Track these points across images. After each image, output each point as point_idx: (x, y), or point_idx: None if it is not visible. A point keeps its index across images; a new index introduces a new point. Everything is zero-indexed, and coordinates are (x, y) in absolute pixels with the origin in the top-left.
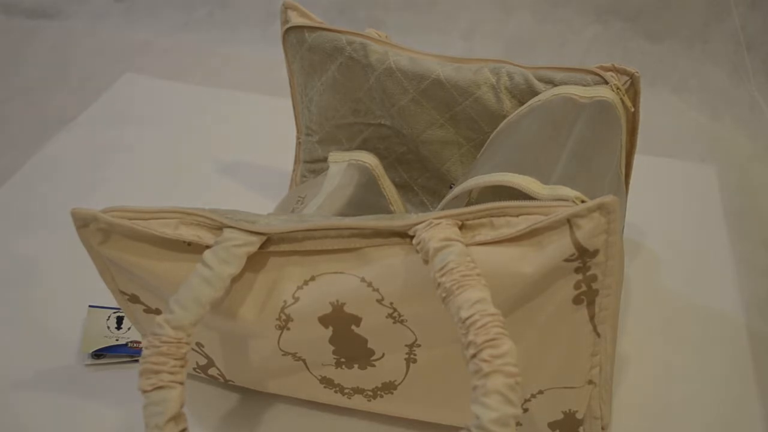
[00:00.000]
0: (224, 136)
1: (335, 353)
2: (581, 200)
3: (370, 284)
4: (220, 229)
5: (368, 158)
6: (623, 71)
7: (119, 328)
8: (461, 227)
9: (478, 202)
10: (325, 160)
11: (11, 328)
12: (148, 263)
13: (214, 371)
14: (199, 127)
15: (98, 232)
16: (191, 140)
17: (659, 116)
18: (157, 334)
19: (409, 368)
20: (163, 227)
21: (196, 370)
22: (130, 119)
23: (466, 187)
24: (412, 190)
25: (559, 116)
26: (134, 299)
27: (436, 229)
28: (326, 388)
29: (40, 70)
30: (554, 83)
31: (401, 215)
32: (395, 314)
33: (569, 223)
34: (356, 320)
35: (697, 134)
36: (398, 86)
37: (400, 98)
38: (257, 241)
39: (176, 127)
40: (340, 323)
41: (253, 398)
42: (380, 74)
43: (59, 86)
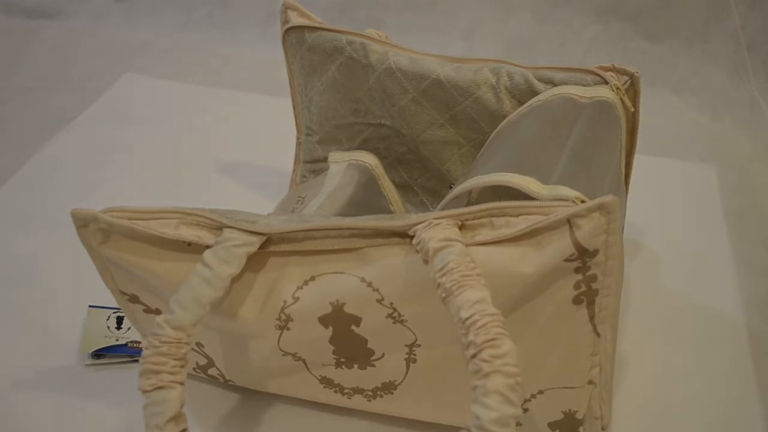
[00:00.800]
0: (224, 136)
1: (335, 353)
2: (581, 200)
3: (370, 284)
4: (220, 229)
5: (368, 158)
6: (623, 71)
7: (119, 328)
8: (461, 227)
9: (478, 202)
10: (325, 160)
11: (11, 327)
12: (148, 263)
13: (214, 371)
14: (199, 127)
15: (98, 232)
16: (191, 140)
17: (659, 116)
18: (157, 334)
19: (409, 368)
20: (163, 227)
21: (196, 370)
22: (130, 119)
23: (465, 187)
24: (412, 190)
25: (558, 116)
26: (134, 299)
27: (435, 229)
28: (326, 388)
29: (40, 70)
30: (554, 83)
31: (401, 215)
32: (395, 314)
33: (569, 223)
34: (356, 320)
35: (697, 134)
36: (398, 86)
37: (400, 98)
38: (257, 241)
39: (176, 127)
40: (340, 323)
41: (253, 398)
42: (380, 74)
43: (59, 86)
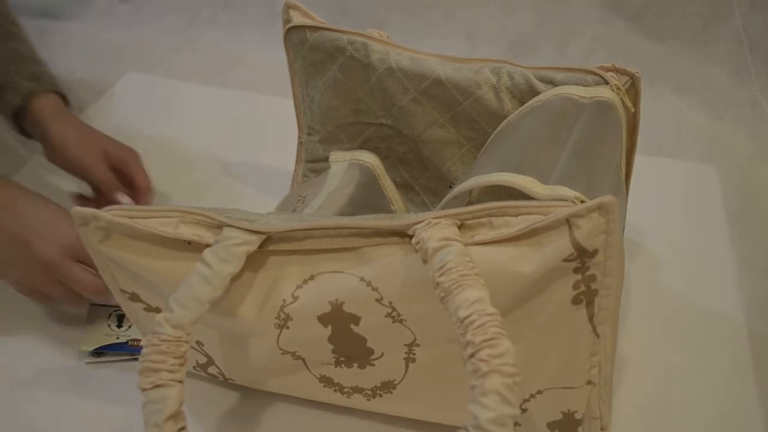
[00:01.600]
0: (226, 135)
1: (334, 352)
2: (580, 200)
3: (369, 283)
4: (219, 228)
5: (369, 158)
6: (624, 71)
7: (120, 326)
8: (460, 227)
9: (478, 201)
10: (326, 159)
11: (12, 325)
12: (148, 262)
13: (213, 370)
14: (201, 126)
15: (98, 230)
16: (194, 139)
17: (660, 116)
18: (156, 332)
19: (408, 368)
20: (163, 226)
21: (195, 368)
22: (132, 118)
23: (465, 186)
24: (413, 189)
25: (559, 116)
26: (134, 298)
27: (435, 228)
28: (326, 387)
29: None
30: (555, 83)
31: (400, 215)
32: (394, 313)
33: (568, 223)
34: (355, 319)
35: (698, 134)
36: (399, 86)
37: (401, 98)
38: (257, 240)
39: (179, 126)
40: (339, 322)
41: (252, 397)
42: (381, 74)
43: (63, 86)
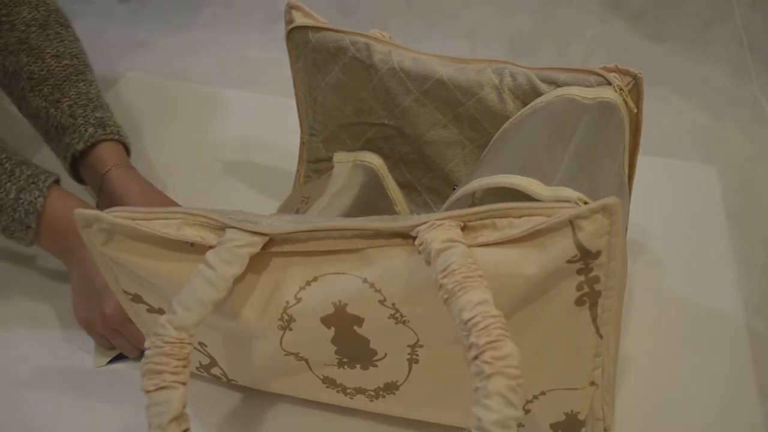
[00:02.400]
0: (228, 135)
1: (337, 353)
2: (584, 201)
3: (372, 285)
4: (222, 229)
5: (373, 159)
6: (626, 72)
7: None
8: (464, 228)
9: (482, 203)
10: (329, 160)
11: (18, 328)
12: (150, 264)
13: (216, 371)
14: (202, 126)
15: (101, 232)
16: (194, 139)
17: (661, 116)
18: (159, 334)
19: (411, 369)
20: (165, 228)
21: (198, 369)
22: (132, 118)
23: (469, 189)
24: (415, 190)
25: (561, 117)
26: (137, 299)
27: (438, 230)
28: (328, 388)
29: None
30: (557, 84)
31: (403, 216)
32: (397, 315)
33: (571, 224)
34: (358, 321)
35: (698, 135)
36: (401, 86)
37: (403, 98)
38: (260, 241)
39: (179, 126)
40: (342, 324)
41: (255, 398)
42: (384, 74)
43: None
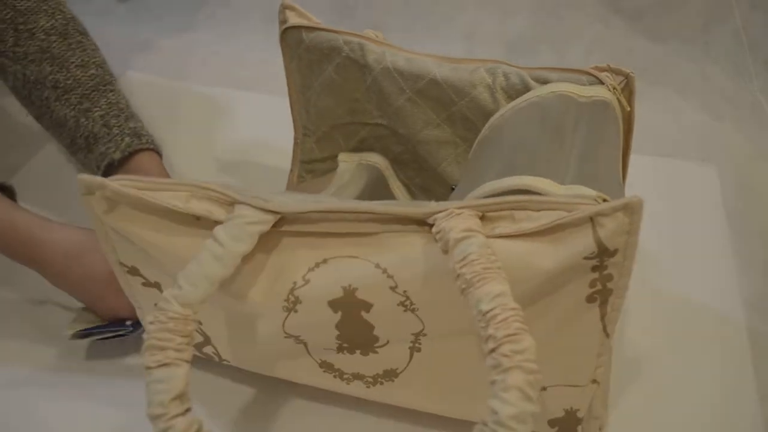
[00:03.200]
0: (227, 135)
1: (339, 338)
2: (603, 199)
3: (384, 271)
4: (231, 205)
5: (378, 159)
6: (618, 71)
7: None
8: (481, 218)
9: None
10: (322, 161)
11: (13, 325)
12: (154, 236)
13: (209, 350)
14: (198, 126)
15: (104, 200)
16: (190, 139)
17: (660, 116)
18: (163, 309)
19: (412, 357)
20: (173, 200)
21: None
22: None
23: (480, 193)
24: (409, 189)
25: (559, 118)
26: (133, 271)
27: (457, 219)
28: (325, 372)
29: None
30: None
31: (421, 202)
32: (407, 302)
33: (592, 221)
34: (366, 306)
35: (698, 134)
36: (395, 86)
37: (396, 98)
38: (271, 219)
39: (178, 126)
40: (349, 308)
41: (257, 386)
42: (377, 74)
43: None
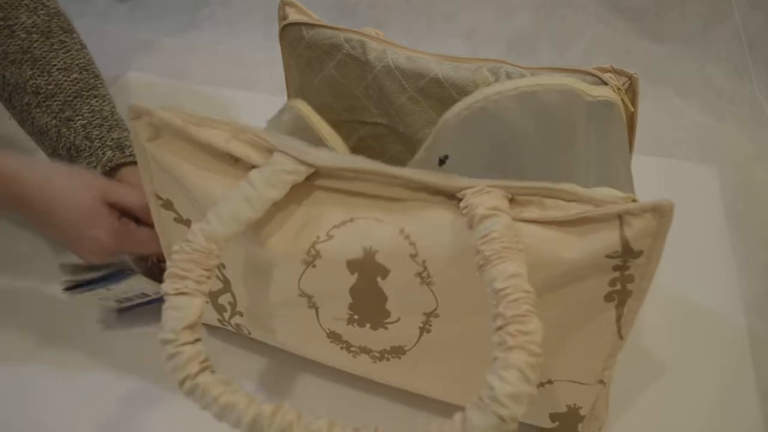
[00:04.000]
0: None
1: (351, 308)
2: (632, 200)
3: (407, 237)
4: (270, 152)
5: (300, 104)
6: (621, 72)
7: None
8: (511, 200)
9: None
10: None
11: (12, 325)
12: (191, 170)
13: (225, 299)
14: None
15: (149, 127)
16: None
17: (661, 116)
18: (189, 240)
19: (421, 337)
20: (214, 137)
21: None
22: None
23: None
24: None
25: (565, 115)
26: (167, 205)
27: (486, 196)
28: (332, 342)
29: None
30: None
31: (452, 176)
32: (424, 274)
33: (620, 219)
34: (384, 272)
35: (698, 134)
36: (396, 84)
37: (397, 96)
38: (305, 171)
39: None
40: (366, 271)
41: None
42: (378, 72)
43: None
